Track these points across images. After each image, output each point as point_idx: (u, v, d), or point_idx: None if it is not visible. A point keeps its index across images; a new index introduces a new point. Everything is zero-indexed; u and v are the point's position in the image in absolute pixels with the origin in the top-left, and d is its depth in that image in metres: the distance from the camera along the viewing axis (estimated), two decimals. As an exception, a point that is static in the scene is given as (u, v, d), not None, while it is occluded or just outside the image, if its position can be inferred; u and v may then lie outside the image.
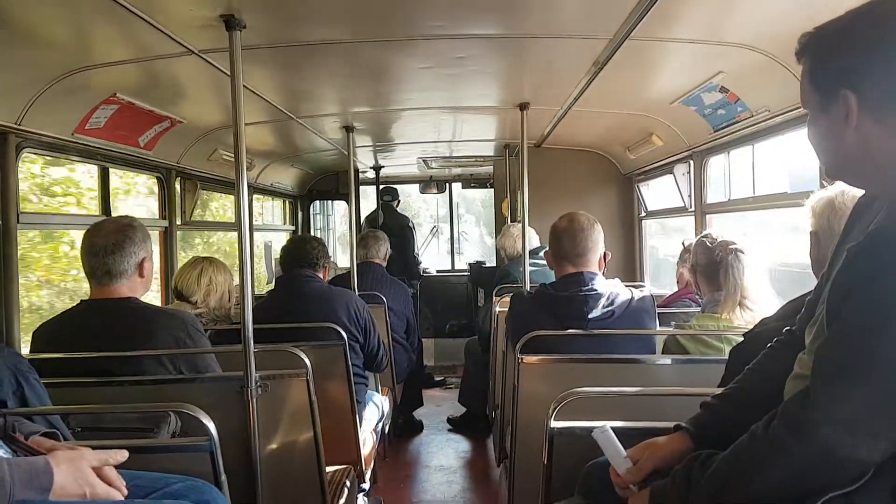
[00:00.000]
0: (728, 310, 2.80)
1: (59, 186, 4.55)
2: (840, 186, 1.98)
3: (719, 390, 2.14)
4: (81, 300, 2.66)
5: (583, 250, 2.99)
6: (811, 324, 1.48)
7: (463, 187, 9.34)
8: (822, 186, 2.45)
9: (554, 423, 2.00)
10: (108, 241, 2.55)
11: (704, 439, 1.67)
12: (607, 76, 3.39)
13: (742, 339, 2.28)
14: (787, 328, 1.75)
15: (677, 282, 4.21)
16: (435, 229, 10.10)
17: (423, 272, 8.19)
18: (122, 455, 1.66)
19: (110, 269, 2.55)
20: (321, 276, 3.86)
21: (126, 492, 1.65)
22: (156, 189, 4.56)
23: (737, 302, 2.78)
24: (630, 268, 5.97)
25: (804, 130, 3.19)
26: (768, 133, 3.54)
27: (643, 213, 5.97)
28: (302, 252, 3.84)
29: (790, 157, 3.62)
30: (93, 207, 4.15)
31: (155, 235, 4.52)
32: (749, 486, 1.37)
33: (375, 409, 4.02)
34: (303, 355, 2.64)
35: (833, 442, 1.26)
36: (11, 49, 2.55)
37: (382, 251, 5.48)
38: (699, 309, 3.67)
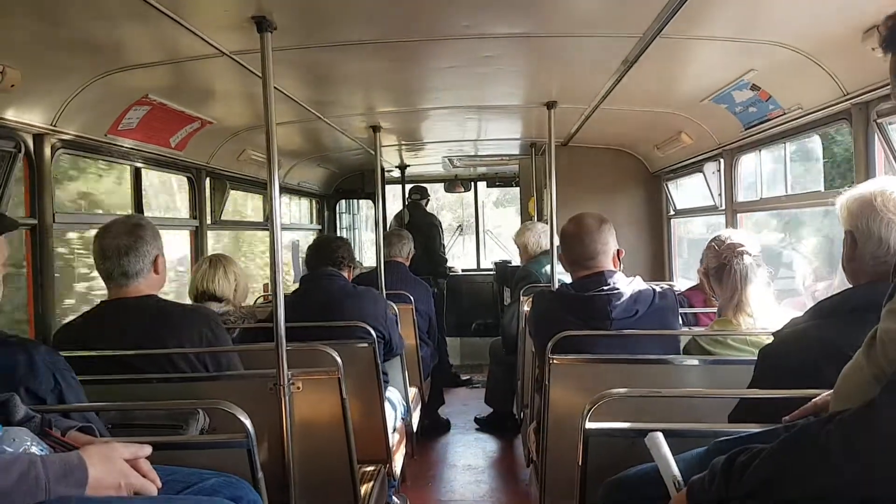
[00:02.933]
0: (729, 313, 2.77)
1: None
2: (880, 185, 1.93)
3: (752, 391, 2.12)
4: (101, 301, 2.69)
5: (593, 253, 2.96)
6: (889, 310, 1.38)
7: (488, 186, 9.34)
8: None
9: (588, 424, 1.98)
10: (120, 244, 2.57)
11: None
12: (636, 74, 3.37)
13: (770, 339, 2.26)
14: None
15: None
16: (460, 228, 10.11)
17: (449, 271, 8.20)
18: (148, 449, 1.68)
19: (126, 271, 2.58)
20: (346, 275, 3.88)
21: (160, 484, 1.66)
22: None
23: (735, 305, 2.75)
24: (659, 267, 5.91)
25: (838, 127, 3.16)
26: (801, 131, 3.49)
27: (672, 212, 5.91)
28: (327, 251, 3.87)
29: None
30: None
31: (185, 234, 4.58)
32: (794, 486, 1.33)
33: (398, 407, 4.03)
34: (335, 354, 2.66)
35: (890, 464, 1.20)
36: (47, 51, 2.60)
37: (406, 250, 5.50)
38: (697, 311, 3.65)
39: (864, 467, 1.22)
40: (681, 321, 3.09)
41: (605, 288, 2.89)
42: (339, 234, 7.86)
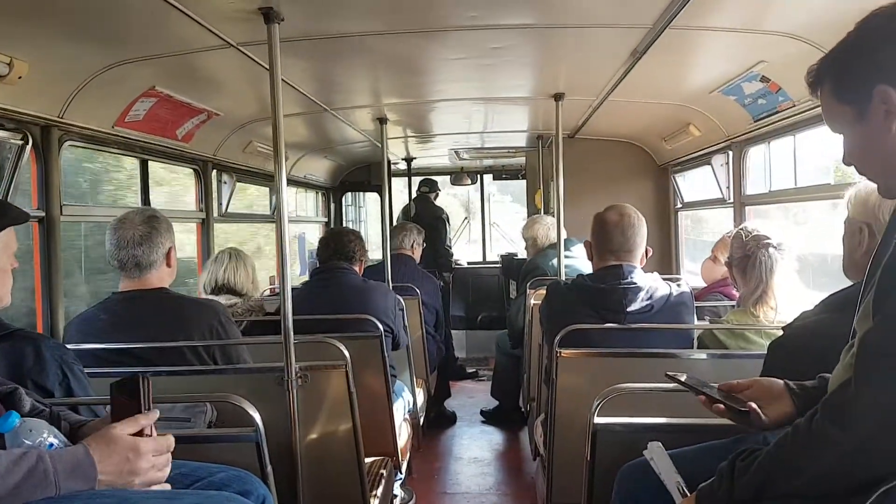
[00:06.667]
0: (750, 305, 2.75)
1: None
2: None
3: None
4: (113, 293, 2.69)
5: (633, 245, 2.93)
6: (861, 316, 1.44)
7: (494, 178, 9.31)
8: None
9: (597, 419, 1.98)
10: (135, 234, 2.59)
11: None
12: (645, 66, 3.34)
13: (781, 333, 2.25)
14: None
15: (702, 276, 4.18)
16: (466, 220, 10.09)
17: (455, 264, 8.20)
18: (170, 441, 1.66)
19: (140, 261, 2.59)
20: (357, 269, 3.87)
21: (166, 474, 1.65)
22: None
23: (758, 298, 2.74)
24: (666, 260, 5.89)
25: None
26: (811, 123, 3.46)
27: (679, 205, 5.89)
28: (340, 245, 3.85)
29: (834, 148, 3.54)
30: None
31: (192, 227, 4.58)
32: (796, 479, 1.37)
33: (405, 401, 4.04)
34: (342, 347, 2.65)
35: (879, 429, 1.25)
36: (54, 43, 2.59)
37: (409, 241, 5.49)
38: (731, 303, 3.64)
39: (857, 437, 1.27)
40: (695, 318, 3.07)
41: (623, 281, 2.87)
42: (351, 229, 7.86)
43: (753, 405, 1.66)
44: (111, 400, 1.67)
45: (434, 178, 8.08)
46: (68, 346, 2.40)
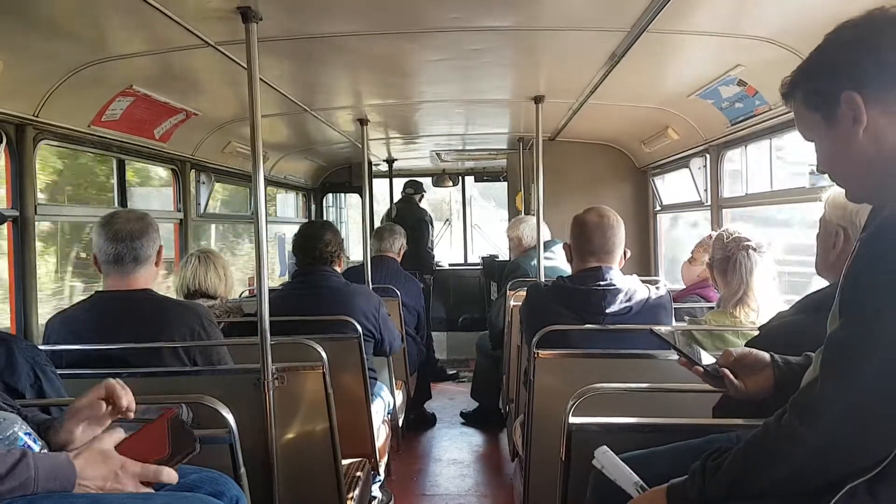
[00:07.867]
0: (730, 306, 2.78)
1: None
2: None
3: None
4: (96, 291, 2.67)
5: (613, 246, 2.96)
6: (831, 318, 1.47)
7: (476, 180, 9.32)
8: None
9: (572, 419, 1.99)
10: (132, 228, 2.57)
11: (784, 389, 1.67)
12: (624, 69, 3.36)
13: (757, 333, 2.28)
14: None
15: (683, 278, 4.22)
16: (448, 222, 10.09)
17: (436, 265, 8.20)
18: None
19: (138, 255, 2.57)
20: (336, 268, 3.83)
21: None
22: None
23: (738, 299, 2.77)
24: (645, 262, 5.93)
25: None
26: (787, 127, 3.50)
27: (658, 207, 5.93)
28: (315, 251, 3.69)
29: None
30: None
31: (170, 227, 4.54)
32: (765, 478, 1.38)
33: (384, 402, 4.02)
34: (319, 348, 2.64)
35: (843, 426, 1.27)
36: (29, 41, 2.56)
37: (397, 245, 5.47)
38: (708, 305, 3.67)
39: (823, 434, 1.28)
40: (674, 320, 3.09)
41: (602, 283, 2.89)
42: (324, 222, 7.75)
43: (726, 370, 1.73)
44: (169, 428, 1.66)
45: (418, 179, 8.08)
46: (44, 347, 2.38)
